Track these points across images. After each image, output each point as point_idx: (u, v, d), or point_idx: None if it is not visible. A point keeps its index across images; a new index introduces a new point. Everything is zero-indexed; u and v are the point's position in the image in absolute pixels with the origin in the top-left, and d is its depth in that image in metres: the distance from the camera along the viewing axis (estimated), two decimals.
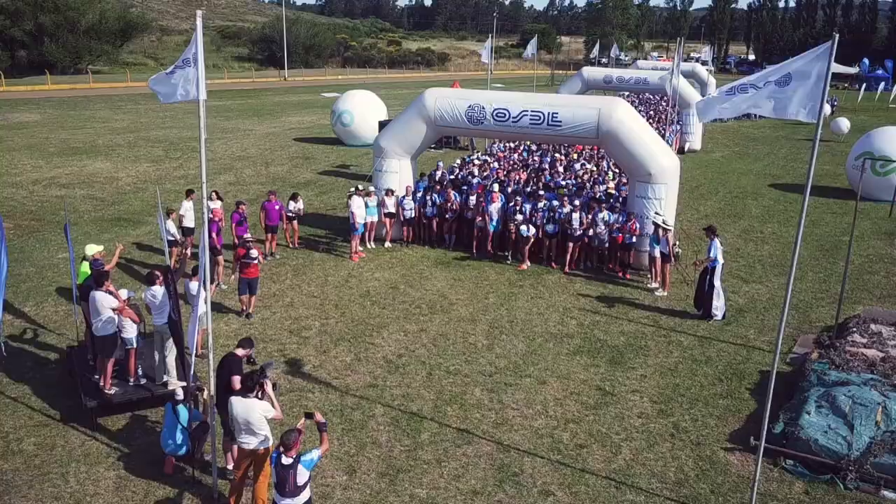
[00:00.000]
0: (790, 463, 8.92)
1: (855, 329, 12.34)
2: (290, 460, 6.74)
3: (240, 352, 8.45)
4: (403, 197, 17.29)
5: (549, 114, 15.83)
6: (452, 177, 19.94)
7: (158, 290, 9.63)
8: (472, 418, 9.91)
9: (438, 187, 17.92)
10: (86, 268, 10.37)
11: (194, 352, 9.40)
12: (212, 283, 12.23)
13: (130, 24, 77.72)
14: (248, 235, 13.36)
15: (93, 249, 10.77)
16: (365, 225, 16.83)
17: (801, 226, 7.12)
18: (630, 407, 10.35)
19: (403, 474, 8.61)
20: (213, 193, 15.80)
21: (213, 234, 14.03)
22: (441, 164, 21.27)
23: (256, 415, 7.43)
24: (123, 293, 9.75)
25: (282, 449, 6.79)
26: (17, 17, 64.69)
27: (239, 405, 7.49)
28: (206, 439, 8.57)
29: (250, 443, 7.53)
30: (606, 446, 9.33)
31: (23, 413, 9.70)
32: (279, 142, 33.54)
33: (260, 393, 7.84)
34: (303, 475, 6.77)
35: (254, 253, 12.69)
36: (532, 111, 15.94)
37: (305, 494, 6.88)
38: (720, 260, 13.43)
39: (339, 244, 17.60)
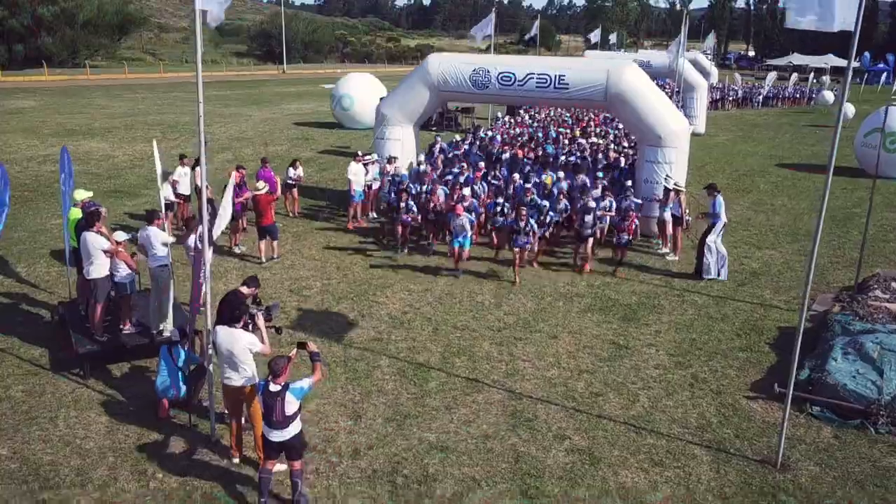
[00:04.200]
0: (817, 409, 8.49)
1: (876, 286, 11.93)
2: (278, 388, 6.27)
3: (244, 290, 7.98)
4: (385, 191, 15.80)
5: (555, 76, 15.38)
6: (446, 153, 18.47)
7: (154, 231, 9.18)
8: (481, 369, 9.48)
9: (428, 175, 15.60)
10: (76, 213, 9.91)
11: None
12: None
13: (128, 18, 77.21)
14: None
15: (82, 195, 10.33)
16: (366, 192, 16.38)
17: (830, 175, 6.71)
18: (646, 359, 9.92)
19: (411, 420, 8.17)
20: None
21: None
22: (440, 138, 20.65)
23: (241, 346, 6.99)
24: (120, 235, 9.26)
25: (270, 376, 6.34)
26: (15, 9, 64.15)
27: (224, 335, 7.05)
28: (204, 384, 8.16)
29: (233, 378, 7.09)
30: (623, 395, 8.91)
31: (11, 363, 9.25)
32: (278, 126, 33.11)
33: (250, 326, 7.41)
34: (291, 404, 6.29)
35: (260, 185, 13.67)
36: (538, 74, 15.49)
37: (294, 428, 6.39)
38: (723, 218, 13.04)
39: (340, 214, 17.16)
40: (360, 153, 16.51)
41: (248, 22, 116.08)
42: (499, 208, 14.12)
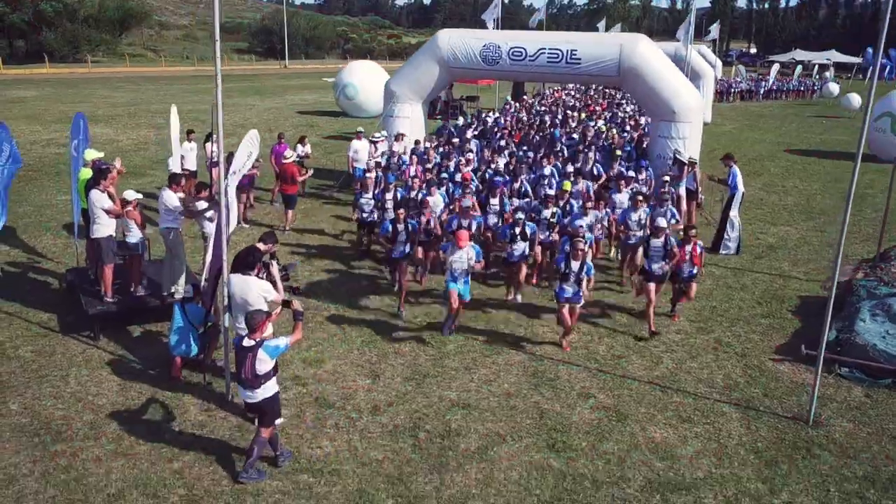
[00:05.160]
0: (846, 370, 8.29)
1: None
2: (252, 343, 5.87)
3: (262, 246, 7.77)
4: (360, 192, 12.04)
5: (567, 51, 15.14)
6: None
7: (167, 195, 8.97)
8: (499, 332, 9.27)
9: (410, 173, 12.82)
10: (87, 173, 9.67)
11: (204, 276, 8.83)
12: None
13: (129, 13, 76.99)
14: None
15: (92, 155, 10.09)
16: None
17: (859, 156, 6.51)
18: (667, 325, 9.71)
19: (430, 379, 7.97)
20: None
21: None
22: (448, 123, 20.41)
23: (254, 294, 6.80)
24: (130, 194, 9.03)
25: (246, 330, 5.96)
26: (17, 4, 63.92)
27: (237, 282, 6.86)
28: (217, 344, 7.94)
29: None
30: (646, 357, 8.70)
31: (19, 325, 9.04)
32: (282, 114, 32.88)
33: (264, 274, 7.21)
34: (263, 362, 5.85)
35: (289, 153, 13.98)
36: (550, 49, 15.25)
37: (267, 389, 5.95)
38: (740, 188, 12.85)
39: (351, 191, 16.92)
40: (360, 129, 16.31)
41: (248, 20, 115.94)
42: (517, 230, 9.63)
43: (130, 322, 9.05)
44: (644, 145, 17.84)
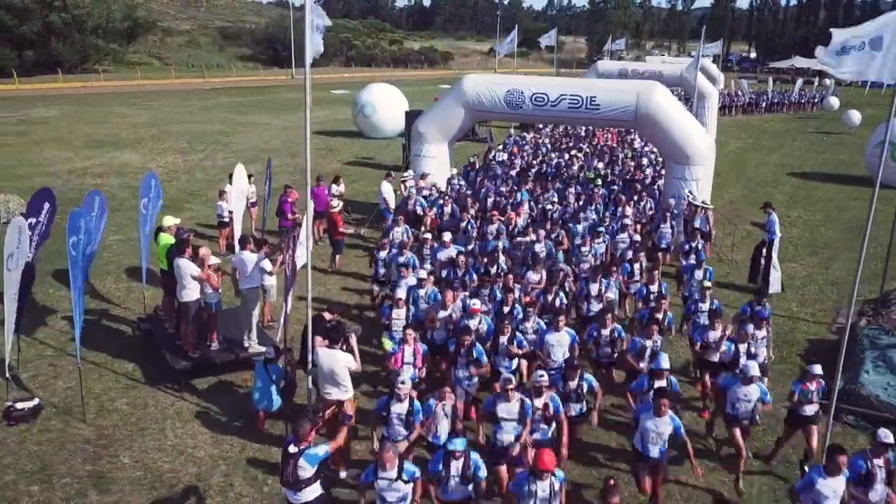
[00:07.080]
0: (852, 418, 9.31)
1: None
2: (296, 450, 6.25)
3: (327, 315, 8.83)
4: (399, 343, 8.53)
5: (587, 98, 16.17)
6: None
7: (248, 256, 9.98)
8: None
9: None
10: (167, 239, 10.65)
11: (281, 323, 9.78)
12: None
13: (137, 23, 78.04)
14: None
15: (170, 221, 11.09)
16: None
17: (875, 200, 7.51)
18: (677, 372, 10.70)
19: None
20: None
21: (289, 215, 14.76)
22: (455, 170, 17.72)
23: (340, 366, 7.84)
24: (213, 259, 10.08)
25: (293, 437, 6.40)
26: (26, 15, 64.89)
27: (325, 356, 7.88)
28: (295, 397, 8.98)
29: (332, 393, 7.94)
30: None
31: (108, 377, 10.04)
32: (299, 134, 33.82)
33: (344, 346, 8.23)
34: (304, 469, 6.20)
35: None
36: (571, 95, 16.28)
37: (311, 492, 6.32)
38: (777, 234, 13.93)
39: (376, 230, 17.83)
40: (391, 174, 17.39)
41: (250, 24, 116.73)
42: (573, 384, 7.44)
43: (208, 374, 10.05)
44: (634, 181, 18.65)
